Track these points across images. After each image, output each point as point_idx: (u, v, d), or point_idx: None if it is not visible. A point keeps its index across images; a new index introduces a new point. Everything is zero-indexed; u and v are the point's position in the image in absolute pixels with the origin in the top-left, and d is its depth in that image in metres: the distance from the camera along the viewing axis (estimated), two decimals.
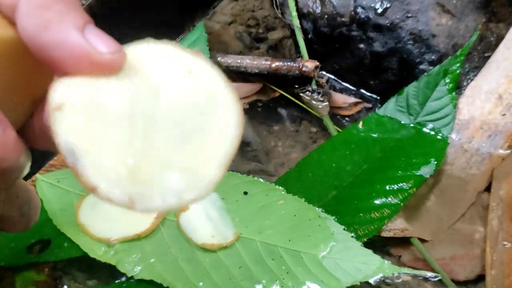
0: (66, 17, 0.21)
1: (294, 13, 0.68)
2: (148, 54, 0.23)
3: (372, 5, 0.64)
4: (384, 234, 0.55)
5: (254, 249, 0.49)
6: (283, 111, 0.69)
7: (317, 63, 0.65)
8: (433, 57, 0.63)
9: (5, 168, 0.21)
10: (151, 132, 0.22)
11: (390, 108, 0.61)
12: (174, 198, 0.21)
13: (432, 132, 0.60)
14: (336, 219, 0.51)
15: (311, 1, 0.67)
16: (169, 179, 0.21)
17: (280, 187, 0.53)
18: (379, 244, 0.56)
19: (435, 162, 0.57)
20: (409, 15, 0.63)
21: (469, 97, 0.62)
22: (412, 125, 0.60)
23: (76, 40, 0.21)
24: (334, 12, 0.66)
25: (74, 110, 0.21)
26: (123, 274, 0.49)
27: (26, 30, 0.21)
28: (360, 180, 0.56)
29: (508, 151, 0.60)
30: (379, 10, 0.64)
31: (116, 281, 0.51)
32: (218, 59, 0.67)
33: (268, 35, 0.75)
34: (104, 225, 0.50)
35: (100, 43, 0.21)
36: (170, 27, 0.69)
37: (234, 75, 0.68)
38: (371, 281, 0.49)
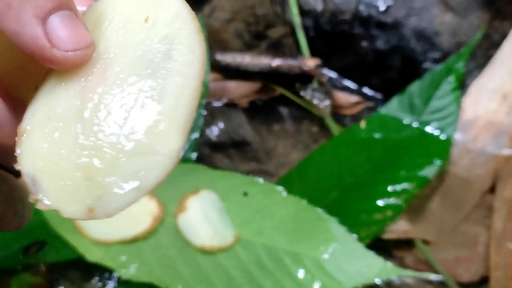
0: (28, 2, 0.19)
1: (295, 10, 0.68)
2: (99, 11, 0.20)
3: (375, 2, 0.63)
4: (387, 235, 0.55)
5: (255, 251, 0.49)
6: (283, 110, 0.69)
7: (319, 61, 0.65)
8: (436, 55, 0.63)
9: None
10: (97, 119, 0.19)
11: (393, 107, 0.61)
12: (133, 189, 0.18)
13: (436, 132, 0.59)
14: (338, 220, 0.51)
15: None
16: (124, 168, 0.18)
17: (281, 188, 0.53)
18: (382, 246, 0.55)
19: (439, 162, 0.57)
20: (413, 12, 0.63)
21: (473, 96, 0.62)
22: (415, 124, 0.60)
23: (30, 31, 0.19)
24: (336, 9, 0.66)
25: (33, 132, 0.19)
26: (120, 277, 0.49)
27: None
28: (362, 180, 0.56)
29: None
30: (382, 8, 0.63)
31: (113, 283, 0.51)
32: (218, 57, 0.67)
33: (269, 32, 0.74)
34: (101, 227, 0.50)
35: (63, 36, 0.19)
36: None
37: (234, 73, 0.68)
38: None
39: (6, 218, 0.25)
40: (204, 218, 0.50)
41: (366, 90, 0.70)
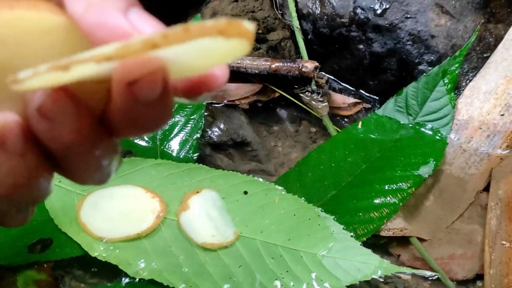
0: (108, 1, 0.21)
1: (294, 14, 0.69)
2: None
3: (372, 6, 0.64)
4: (383, 233, 0.55)
5: (254, 248, 0.50)
6: (283, 112, 0.69)
7: (317, 64, 0.65)
8: (432, 57, 0.63)
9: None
10: None
11: (389, 108, 0.61)
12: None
13: (431, 132, 0.60)
14: (335, 219, 0.51)
15: (310, 2, 0.68)
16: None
17: (280, 187, 0.53)
18: (378, 244, 0.56)
19: (434, 162, 0.57)
20: (408, 15, 0.63)
21: (468, 97, 0.62)
22: (411, 125, 0.61)
23: (116, 21, 0.20)
24: (334, 13, 0.66)
25: None
26: (124, 273, 0.49)
27: (73, 14, 0.21)
28: (359, 180, 0.57)
29: (507, 151, 0.60)
30: (378, 11, 0.64)
31: (117, 280, 0.51)
32: None
33: (268, 36, 0.75)
34: (105, 225, 0.50)
35: (144, 24, 0.21)
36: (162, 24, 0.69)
37: (235, 75, 0.68)
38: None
39: (9, 215, 0.26)
40: (205, 216, 0.50)
41: (363, 92, 0.71)
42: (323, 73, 0.72)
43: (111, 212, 0.51)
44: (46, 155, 0.22)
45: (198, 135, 0.60)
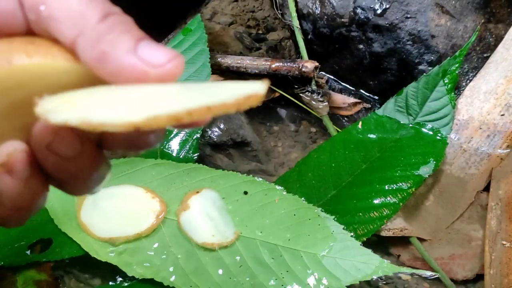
0: (118, 43, 0.22)
1: (294, 14, 0.69)
2: None
3: (372, 6, 0.64)
4: (383, 233, 0.55)
5: (254, 248, 0.50)
6: (283, 111, 0.69)
7: (317, 64, 0.66)
8: (432, 57, 0.63)
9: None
10: None
11: (389, 108, 0.61)
12: None
13: (431, 132, 0.60)
14: (335, 219, 0.51)
15: (310, 2, 0.68)
16: None
17: (280, 187, 0.53)
18: (378, 244, 0.56)
19: (434, 162, 0.57)
20: (408, 15, 0.63)
21: (468, 97, 0.62)
22: (411, 125, 0.61)
23: (130, 62, 0.22)
24: (334, 13, 0.66)
25: None
26: (124, 273, 0.49)
27: (87, 63, 0.22)
28: (359, 180, 0.57)
29: (507, 151, 0.60)
30: (379, 11, 0.64)
31: (117, 280, 0.51)
32: (218, 59, 0.68)
33: (268, 35, 0.75)
34: (105, 225, 0.50)
35: (154, 56, 0.22)
36: (161, 25, 0.69)
37: (234, 75, 0.68)
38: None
39: (8, 215, 0.26)
40: (205, 216, 0.50)
41: (363, 92, 0.71)
42: (323, 73, 0.72)
43: (111, 212, 0.51)
44: (45, 173, 0.24)
45: (198, 135, 0.60)
